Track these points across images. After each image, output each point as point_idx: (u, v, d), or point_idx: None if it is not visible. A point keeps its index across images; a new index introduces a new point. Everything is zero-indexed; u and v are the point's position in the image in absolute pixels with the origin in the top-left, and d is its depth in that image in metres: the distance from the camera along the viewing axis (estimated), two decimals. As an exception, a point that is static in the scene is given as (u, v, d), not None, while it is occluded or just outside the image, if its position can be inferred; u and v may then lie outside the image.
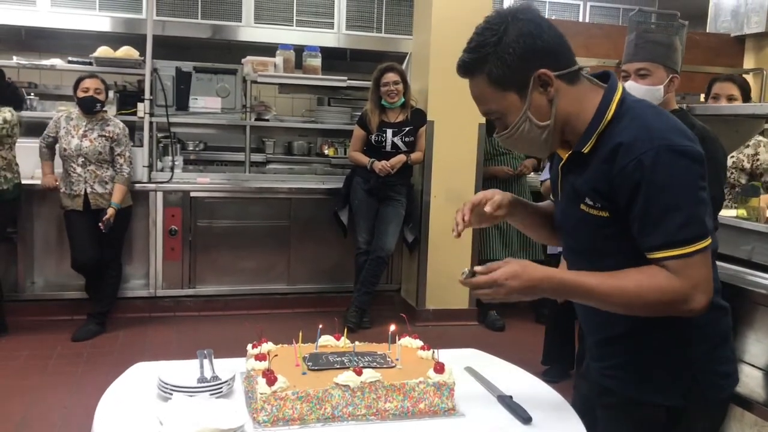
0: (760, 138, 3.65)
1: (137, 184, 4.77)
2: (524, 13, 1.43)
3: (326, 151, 6.26)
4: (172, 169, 4.99)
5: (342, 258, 5.22)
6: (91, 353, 4.17)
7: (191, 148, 5.99)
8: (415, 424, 1.59)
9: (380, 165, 4.67)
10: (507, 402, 1.70)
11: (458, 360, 1.96)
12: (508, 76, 1.42)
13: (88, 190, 4.35)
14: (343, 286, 5.23)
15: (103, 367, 3.82)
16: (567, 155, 1.53)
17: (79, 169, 4.34)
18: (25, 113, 4.76)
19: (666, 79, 2.41)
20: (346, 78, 5.48)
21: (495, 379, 1.85)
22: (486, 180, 4.91)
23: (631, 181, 1.37)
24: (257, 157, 5.91)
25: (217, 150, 6.09)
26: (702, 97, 5.91)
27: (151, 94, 4.89)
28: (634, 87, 2.41)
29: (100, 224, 4.28)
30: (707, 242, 1.38)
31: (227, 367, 1.75)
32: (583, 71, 1.49)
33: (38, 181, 4.55)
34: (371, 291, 4.87)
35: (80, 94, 4.31)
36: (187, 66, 5.05)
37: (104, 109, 4.45)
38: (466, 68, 1.47)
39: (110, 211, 4.32)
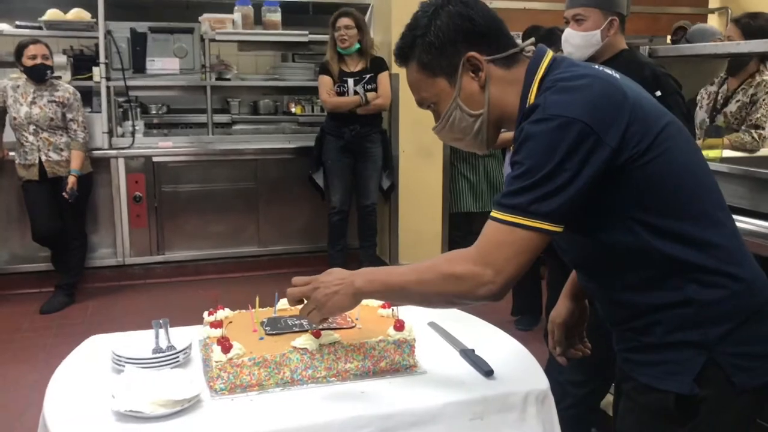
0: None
1: (97, 151, 4.65)
2: None
3: (293, 110, 6.14)
4: (132, 134, 4.86)
5: (313, 218, 5.17)
6: (61, 325, 4.11)
7: (154, 112, 5.85)
8: (376, 383, 1.57)
9: None
10: (469, 356, 1.69)
11: (422, 315, 1.95)
12: (437, 61, 1.35)
13: (43, 158, 4.23)
14: (316, 246, 5.19)
15: (72, 338, 3.69)
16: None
17: (31, 138, 4.22)
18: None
19: (604, 23, 2.36)
20: (307, 32, 5.34)
21: (458, 332, 1.83)
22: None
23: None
24: (222, 118, 5.78)
25: (180, 113, 5.94)
26: (669, 39, 5.87)
27: (106, 57, 4.73)
28: (571, 34, 2.41)
29: (64, 194, 4.17)
30: (530, 222, 1.22)
31: (185, 336, 1.71)
32: (525, 52, 1.39)
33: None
34: (372, 244, 4.88)
35: (28, 63, 4.14)
36: (142, 27, 4.86)
37: (53, 75, 4.29)
38: (399, 56, 1.41)
39: (71, 179, 4.21)
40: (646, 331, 1.32)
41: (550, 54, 1.38)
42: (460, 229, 5.03)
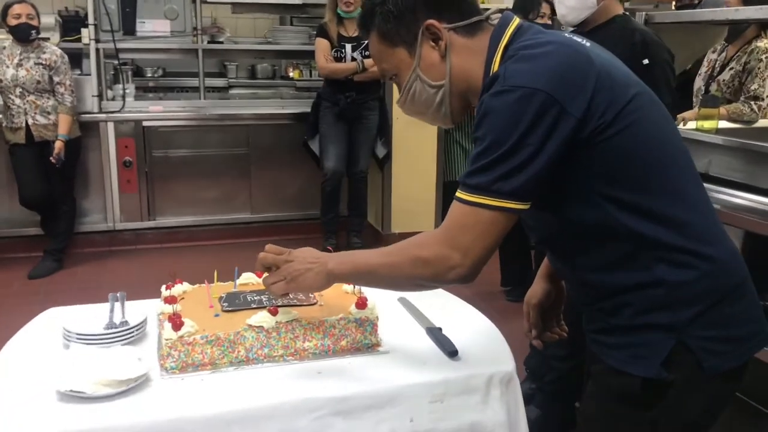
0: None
1: (86, 115, 4.58)
2: None
3: (291, 74, 6.02)
4: (123, 97, 4.77)
5: (306, 184, 5.09)
6: (48, 290, 4.09)
7: (150, 75, 5.74)
8: (335, 363, 1.52)
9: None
10: (435, 335, 1.63)
11: (392, 291, 1.88)
12: (395, 30, 1.29)
13: (30, 121, 4.16)
14: (308, 213, 5.12)
15: (60, 303, 3.72)
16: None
17: (17, 101, 4.14)
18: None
19: None
20: (303, -7, 5.21)
21: (429, 309, 1.77)
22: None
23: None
24: (219, 82, 5.68)
25: (176, 76, 5.83)
26: (673, 5, 5.70)
27: (95, 18, 4.62)
28: None
29: (51, 159, 4.12)
30: (494, 202, 1.16)
31: (141, 311, 1.65)
32: (491, 20, 1.31)
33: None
34: (361, 213, 4.84)
35: (12, 22, 4.05)
36: (132, -14, 4.76)
37: (39, 35, 4.19)
38: (360, 26, 1.36)
39: (59, 144, 4.14)
40: (614, 313, 1.26)
41: (516, 21, 1.29)
42: (452, 197, 4.95)
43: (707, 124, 2.66)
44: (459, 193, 1.21)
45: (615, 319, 1.26)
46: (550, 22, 4.22)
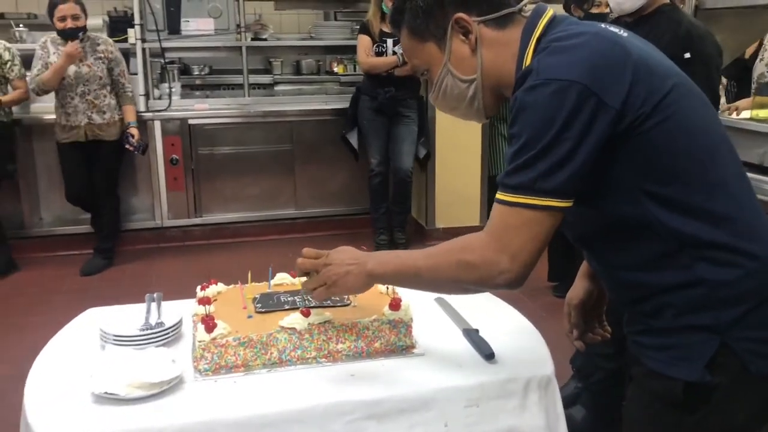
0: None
1: (134, 114, 4.65)
2: None
3: (335, 69, 6.01)
4: (169, 96, 4.84)
5: (350, 180, 5.09)
6: (99, 287, 4.18)
7: (196, 73, 5.81)
8: (369, 365, 1.49)
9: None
10: (472, 336, 1.59)
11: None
12: (425, 25, 1.27)
13: (87, 121, 4.21)
14: (353, 208, 5.12)
15: (109, 300, 3.78)
16: None
17: (77, 99, 4.19)
18: (18, 46, 4.61)
19: None
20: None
21: (466, 310, 1.73)
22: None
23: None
24: (265, 79, 5.71)
25: (221, 74, 5.89)
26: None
27: (141, 18, 4.69)
28: None
29: (128, 147, 4.25)
30: (538, 201, 1.12)
31: (178, 311, 1.66)
32: (524, 12, 1.26)
33: (35, 116, 4.45)
34: (404, 210, 4.80)
35: (59, 25, 4.09)
36: (176, -14, 4.81)
37: (87, 33, 4.24)
38: (392, 22, 1.35)
39: (135, 132, 4.28)
40: (655, 314, 1.21)
41: (549, 12, 1.25)
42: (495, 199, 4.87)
43: (762, 113, 2.55)
44: (500, 195, 1.17)
45: (656, 320, 1.21)
46: (607, 10, 4.11)
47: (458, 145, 4.77)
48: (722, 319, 1.14)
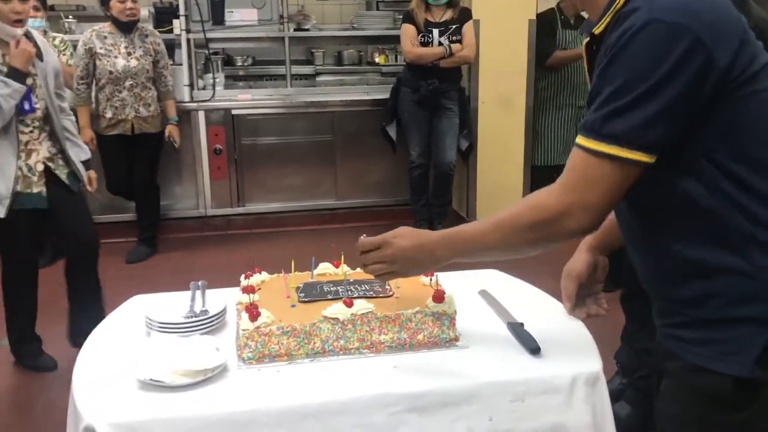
0: None
1: (178, 104, 4.67)
2: None
3: (377, 59, 5.99)
4: (213, 86, 4.88)
5: (390, 171, 5.08)
6: (143, 275, 4.25)
7: (240, 64, 5.85)
8: (412, 357, 1.48)
9: None
10: (516, 330, 1.56)
11: (474, 283, 1.83)
12: None
13: (133, 114, 4.24)
14: (393, 199, 5.12)
15: (154, 288, 3.85)
16: (586, 41, 1.22)
17: (125, 93, 4.21)
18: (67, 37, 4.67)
19: None
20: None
21: (510, 303, 1.71)
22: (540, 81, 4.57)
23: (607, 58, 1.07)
24: (307, 70, 5.73)
25: (265, 64, 5.91)
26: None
27: (186, 9, 4.74)
28: None
29: (172, 143, 4.35)
30: (626, 154, 1.05)
31: (222, 299, 1.66)
32: None
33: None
34: (445, 203, 4.76)
35: (122, 17, 4.07)
36: (220, -22, 4.85)
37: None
38: None
39: (174, 130, 4.36)
40: (699, 304, 1.14)
41: None
42: (544, 183, 4.80)
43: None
44: (585, 141, 1.09)
45: (700, 311, 1.14)
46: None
47: (500, 137, 4.72)
48: None
